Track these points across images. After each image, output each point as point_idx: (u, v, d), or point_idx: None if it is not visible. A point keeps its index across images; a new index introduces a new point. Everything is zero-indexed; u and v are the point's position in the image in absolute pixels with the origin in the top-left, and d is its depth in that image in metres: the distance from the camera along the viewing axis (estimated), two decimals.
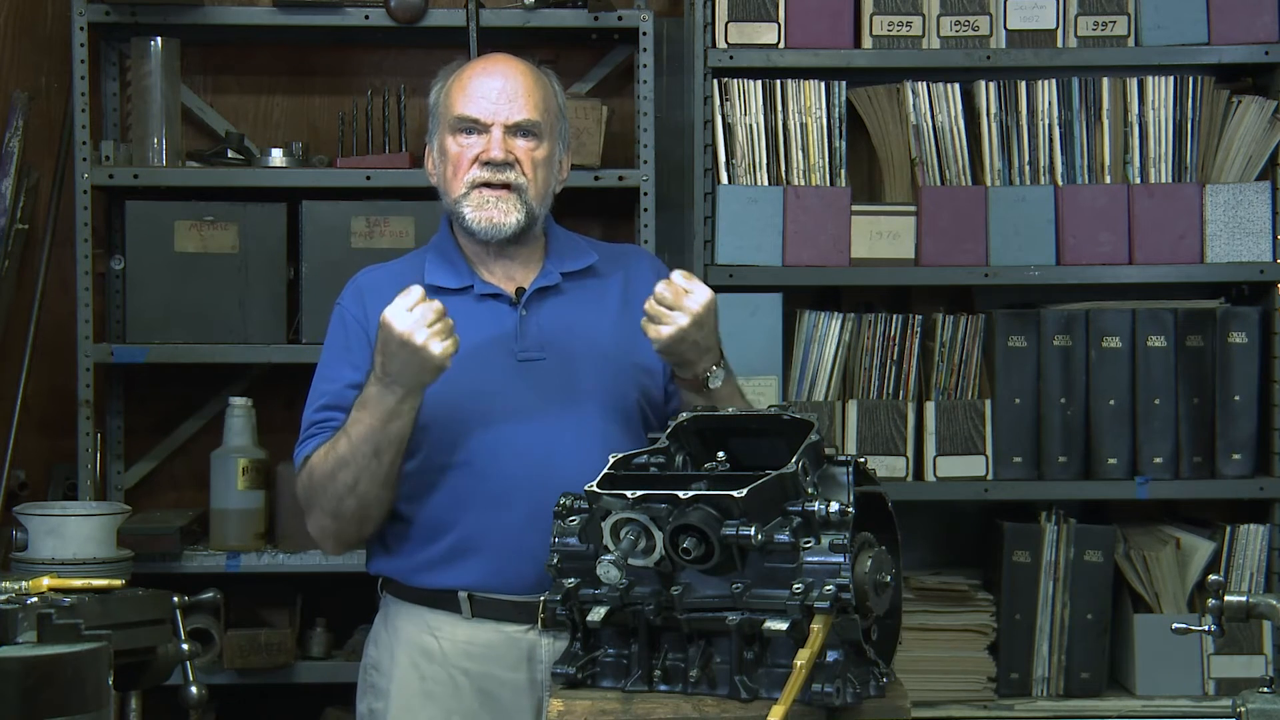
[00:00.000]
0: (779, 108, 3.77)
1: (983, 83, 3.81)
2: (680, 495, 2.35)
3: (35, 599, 2.24)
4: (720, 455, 2.53)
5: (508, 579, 2.76)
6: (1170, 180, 3.81)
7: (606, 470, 2.48)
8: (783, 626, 2.30)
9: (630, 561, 2.35)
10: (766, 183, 3.77)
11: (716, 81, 3.76)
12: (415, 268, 2.90)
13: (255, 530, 3.90)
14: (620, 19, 3.90)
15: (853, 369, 3.80)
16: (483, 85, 2.83)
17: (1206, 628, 2.50)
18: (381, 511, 2.79)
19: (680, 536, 2.33)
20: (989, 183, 3.81)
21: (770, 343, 3.72)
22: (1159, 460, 3.79)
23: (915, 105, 3.80)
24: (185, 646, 2.60)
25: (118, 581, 2.54)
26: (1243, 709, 2.35)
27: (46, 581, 2.41)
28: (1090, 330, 3.81)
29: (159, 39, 3.89)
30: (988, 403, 3.79)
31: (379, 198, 3.90)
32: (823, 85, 3.78)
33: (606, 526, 2.36)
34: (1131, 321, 3.80)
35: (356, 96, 4.10)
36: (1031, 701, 3.77)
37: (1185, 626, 2.61)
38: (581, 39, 4.08)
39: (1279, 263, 3.81)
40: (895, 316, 3.80)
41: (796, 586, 2.31)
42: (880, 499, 2.53)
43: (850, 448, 3.74)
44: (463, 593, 2.78)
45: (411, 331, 2.60)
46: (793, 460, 2.38)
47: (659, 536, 2.34)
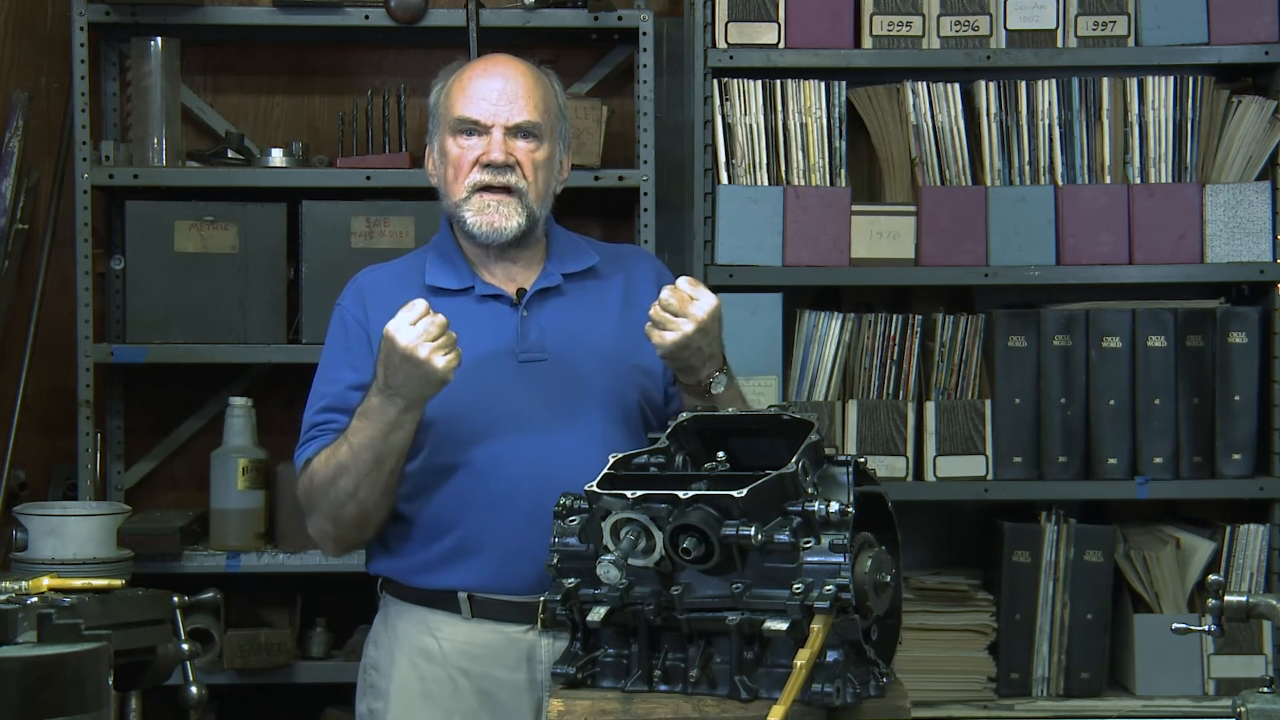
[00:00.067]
0: (779, 108, 3.77)
1: (983, 83, 3.81)
2: (680, 495, 2.35)
3: (35, 599, 2.24)
4: (720, 455, 2.53)
5: (508, 580, 2.76)
6: (1170, 180, 3.81)
7: (606, 470, 2.48)
8: (783, 626, 2.29)
9: (630, 561, 2.35)
10: (766, 183, 3.77)
11: (716, 81, 3.76)
12: (415, 268, 2.90)
13: (255, 530, 3.90)
14: (620, 19, 3.90)
15: (853, 369, 3.80)
16: (483, 86, 2.83)
17: (1206, 628, 2.50)
18: (382, 516, 2.79)
19: (680, 536, 2.33)
20: (989, 183, 3.80)
21: (770, 343, 3.72)
22: (1159, 460, 3.79)
23: (915, 105, 3.80)
24: (185, 646, 2.59)
25: (118, 581, 2.54)
26: (1243, 709, 2.34)
27: (46, 581, 2.41)
28: (1090, 330, 3.80)
29: (159, 39, 3.89)
30: (988, 403, 3.79)
31: (379, 198, 3.90)
32: (823, 85, 3.78)
33: (606, 526, 2.36)
34: (1131, 321, 3.80)
35: (356, 96, 4.10)
36: (1031, 701, 3.77)
37: (1185, 626, 2.61)
38: (581, 39, 4.08)
39: (1279, 263, 3.81)
40: (895, 316, 3.80)
41: (796, 586, 2.31)
42: (880, 499, 2.53)
43: (850, 448, 3.74)
44: (463, 593, 2.78)
45: (415, 346, 2.60)
46: (793, 460, 2.38)
47: (659, 536, 2.34)
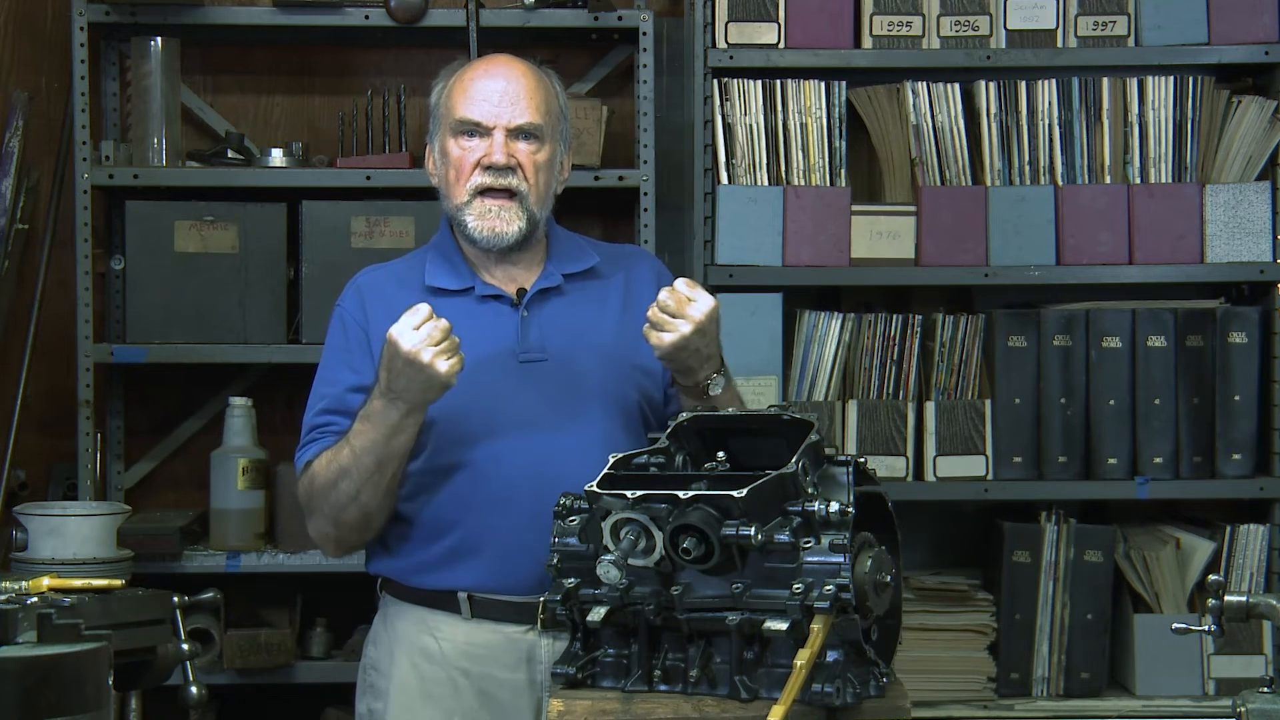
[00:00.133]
0: (779, 108, 3.77)
1: (983, 83, 3.81)
2: (680, 495, 2.34)
3: (35, 599, 2.24)
4: (720, 455, 2.52)
5: (508, 580, 2.75)
6: (1170, 180, 3.81)
7: (606, 470, 2.47)
8: (783, 626, 2.29)
9: (630, 561, 2.35)
10: (766, 183, 3.77)
11: (716, 81, 3.76)
12: (415, 268, 2.90)
13: (255, 530, 3.90)
14: (620, 19, 3.90)
15: (853, 369, 3.80)
16: (484, 88, 2.82)
17: (1206, 628, 2.50)
18: (384, 518, 2.79)
19: (680, 536, 2.33)
20: (989, 183, 3.80)
21: (770, 343, 3.72)
22: (1159, 460, 3.79)
23: (915, 105, 3.80)
24: (185, 646, 2.59)
25: (118, 581, 2.54)
26: (1243, 709, 2.34)
27: (46, 581, 2.41)
28: (1090, 330, 3.80)
29: (159, 39, 3.89)
30: (988, 403, 3.79)
31: (379, 198, 3.90)
32: (823, 85, 3.78)
33: (606, 526, 2.36)
34: (1131, 321, 3.80)
35: (356, 96, 4.10)
36: (1031, 701, 3.77)
37: (1185, 626, 2.60)
38: (581, 39, 4.08)
39: (1279, 263, 3.81)
40: (895, 316, 3.80)
41: (796, 586, 2.31)
42: (880, 499, 2.53)
43: (850, 448, 3.74)
44: (462, 593, 2.78)
45: (418, 350, 2.60)
46: (793, 460, 2.38)
47: (659, 536, 2.34)
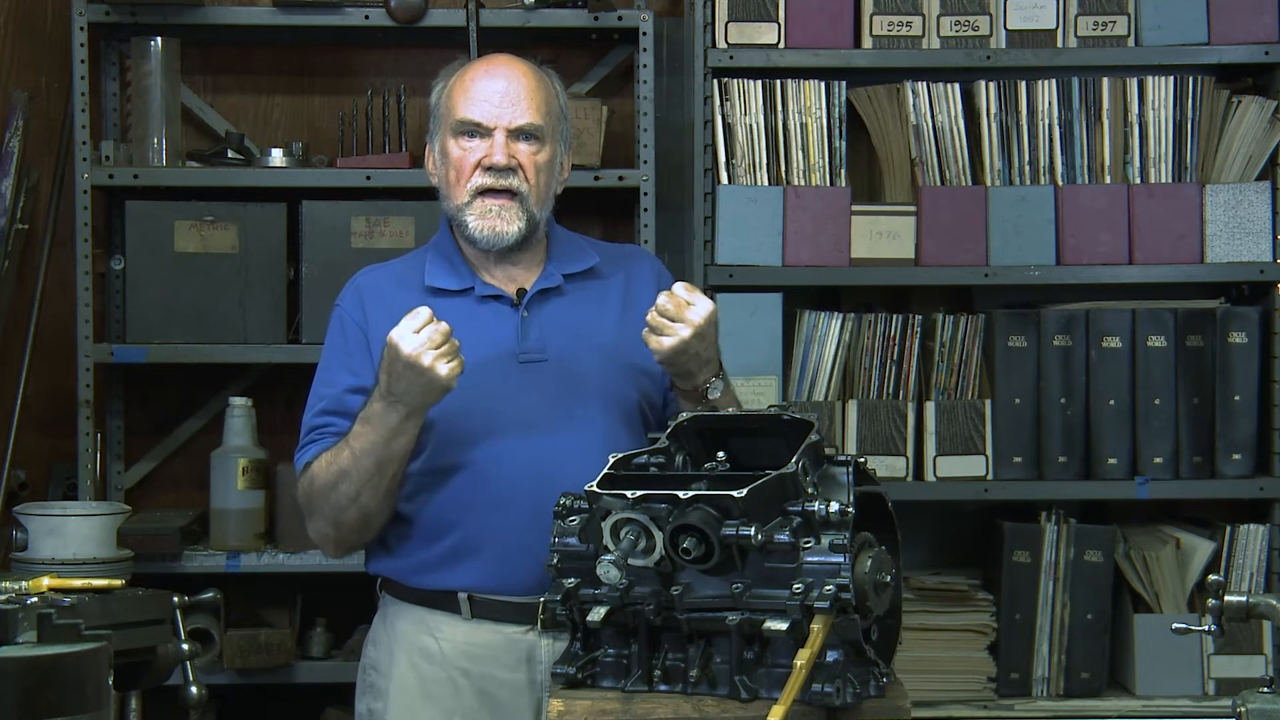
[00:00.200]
0: (779, 108, 3.77)
1: (983, 83, 3.81)
2: (680, 495, 2.34)
3: (35, 599, 2.24)
4: (720, 455, 2.52)
5: (508, 580, 2.75)
6: (1170, 180, 3.81)
7: (606, 470, 2.47)
8: (783, 626, 2.29)
9: (630, 561, 2.35)
10: (766, 183, 3.77)
11: (716, 81, 3.76)
12: (415, 268, 2.90)
13: (255, 530, 3.90)
14: (620, 19, 3.90)
15: (853, 369, 3.80)
16: (485, 88, 2.81)
17: (1206, 628, 2.50)
18: (383, 520, 2.79)
19: (680, 536, 2.33)
20: (989, 183, 3.80)
21: (770, 343, 3.72)
22: (1159, 460, 3.79)
23: (915, 105, 3.80)
24: (185, 646, 2.59)
25: (118, 581, 2.54)
26: (1243, 709, 2.34)
27: (46, 581, 2.41)
28: (1090, 330, 3.80)
29: (159, 39, 3.89)
30: (988, 403, 3.79)
31: (379, 198, 3.90)
32: (823, 85, 3.78)
33: (606, 526, 2.36)
34: (1131, 321, 3.80)
35: (356, 96, 4.10)
36: (1031, 701, 3.77)
37: (1185, 626, 2.61)
38: (581, 39, 4.08)
39: (1279, 263, 3.81)
40: (895, 316, 3.80)
41: (796, 586, 2.31)
42: (880, 499, 2.53)
43: (850, 448, 3.74)
44: (462, 594, 2.78)
45: (419, 353, 2.59)
46: (793, 460, 2.38)
47: (659, 536, 2.34)
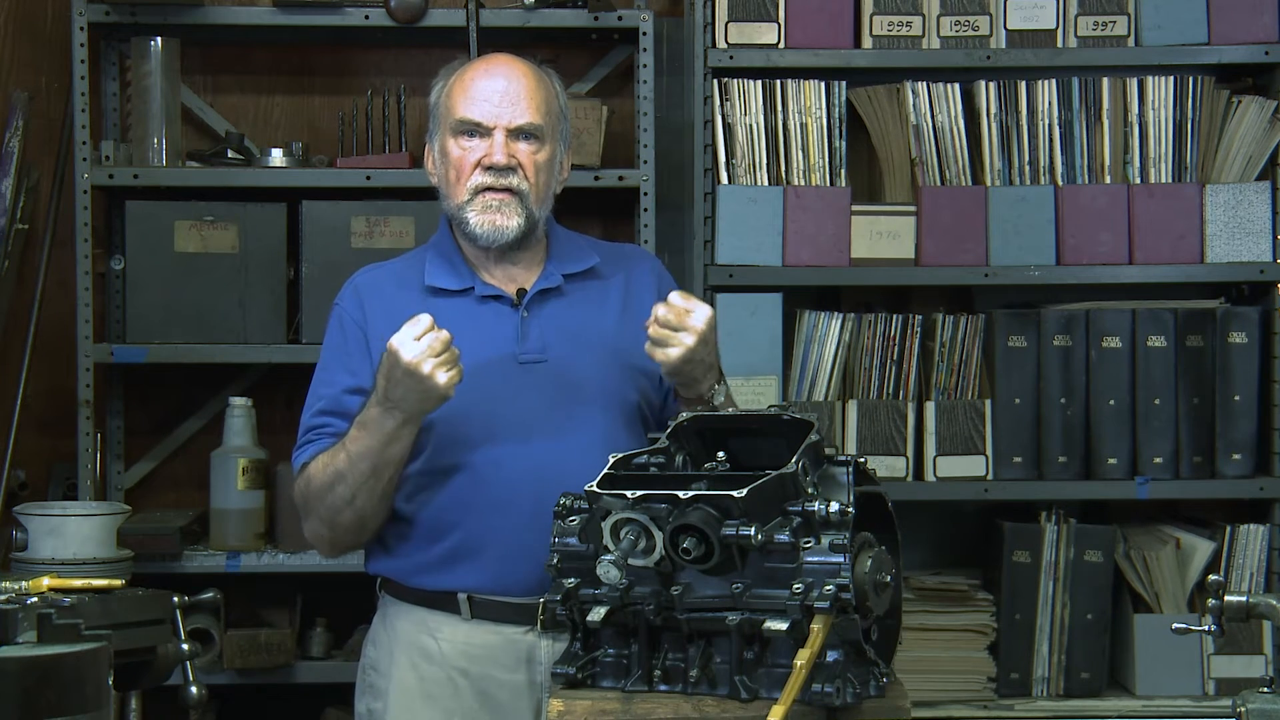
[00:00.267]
0: (779, 108, 3.77)
1: (983, 83, 3.81)
2: (680, 495, 2.34)
3: (35, 599, 2.24)
4: (720, 455, 2.52)
5: (508, 581, 2.75)
6: (1170, 180, 3.81)
7: (606, 470, 2.47)
8: (783, 626, 2.29)
9: (630, 561, 2.35)
10: (766, 183, 3.77)
11: (716, 81, 3.76)
12: (414, 268, 2.89)
13: (255, 530, 3.90)
14: (620, 19, 3.90)
15: (853, 369, 3.80)
16: (485, 87, 2.81)
17: (1206, 628, 2.50)
18: (378, 523, 2.80)
19: (680, 536, 2.33)
20: (989, 183, 3.80)
21: (770, 343, 3.72)
22: (1159, 460, 3.79)
23: (915, 105, 3.80)
24: (185, 646, 2.59)
25: (118, 581, 2.54)
26: (1243, 709, 2.34)
27: (46, 581, 2.41)
28: (1090, 330, 3.80)
29: (159, 39, 3.89)
30: (988, 403, 3.79)
31: (379, 198, 3.90)
32: (823, 85, 3.78)
33: (606, 526, 2.36)
34: (1131, 321, 3.80)
35: (356, 96, 4.10)
36: (1031, 701, 3.77)
37: (1185, 626, 2.61)
38: (581, 39, 4.08)
39: (1279, 263, 3.81)
40: (895, 316, 3.80)
41: (796, 586, 2.31)
42: (880, 499, 2.53)
43: (850, 448, 3.74)
44: (462, 594, 2.78)
45: (418, 361, 2.59)
46: (793, 460, 2.38)
47: (659, 536, 2.34)
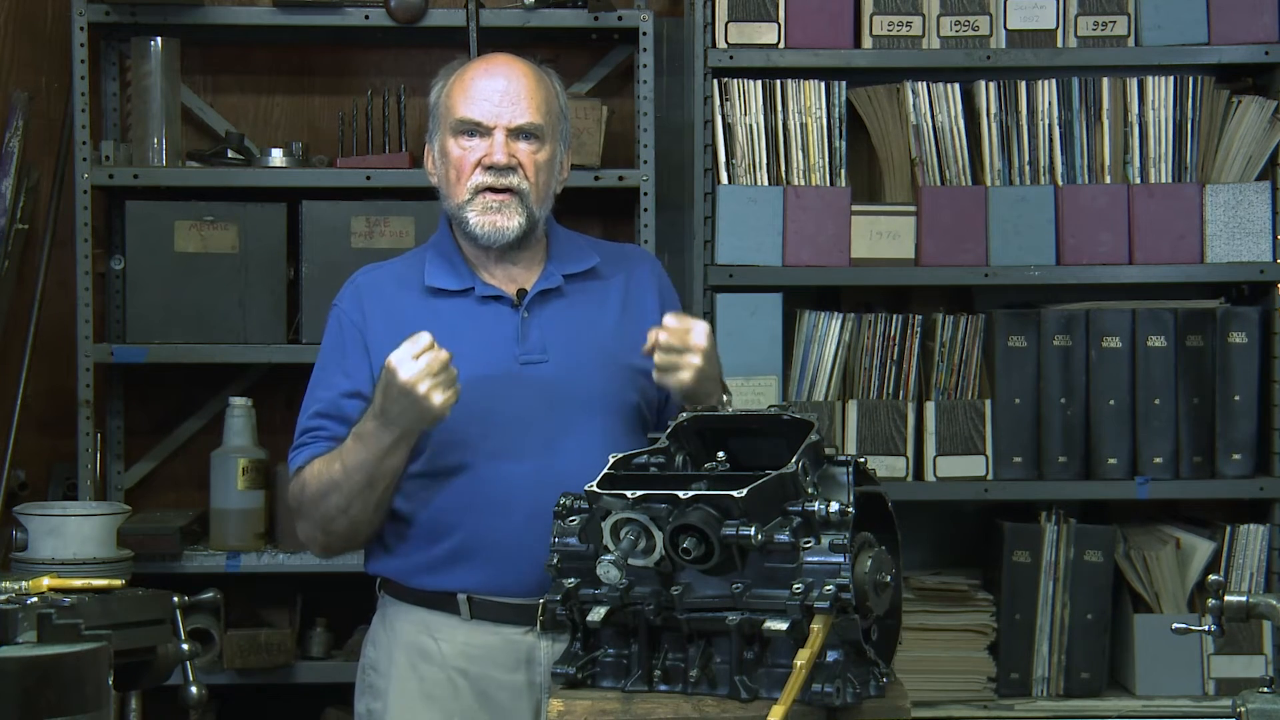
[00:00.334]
0: (779, 108, 3.77)
1: (983, 83, 3.81)
2: (680, 495, 2.34)
3: (35, 599, 2.24)
4: (720, 455, 2.52)
5: (508, 582, 2.75)
6: (1170, 180, 3.80)
7: (606, 470, 2.47)
8: (783, 626, 2.29)
9: (630, 561, 2.35)
10: (766, 183, 3.77)
11: (716, 81, 3.76)
12: (414, 268, 2.89)
13: (255, 530, 3.90)
14: (620, 19, 3.90)
15: (853, 369, 3.80)
16: (485, 87, 2.81)
17: (1206, 628, 2.50)
18: (372, 530, 2.81)
19: (680, 536, 2.33)
20: (989, 183, 3.80)
21: (770, 343, 3.72)
22: (1159, 460, 3.79)
23: (915, 105, 3.80)
24: (185, 646, 2.59)
25: (118, 581, 2.54)
26: (1243, 709, 2.34)
27: (46, 581, 2.41)
28: (1090, 330, 3.80)
29: (159, 39, 3.89)
30: (988, 403, 3.79)
31: (379, 198, 3.90)
32: (823, 85, 3.78)
33: (606, 526, 2.36)
34: (1131, 321, 3.80)
35: (356, 96, 4.10)
36: (1031, 701, 3.77)
37: (1185, 626, 2.61)
38: (581, 39, 4.08)
39: (1279, 263, 3.81)
40: (895, 316, 3.80)
41: (796, 586, 2.31)
42: (880, 499, 2.53)
43: (850, 448, 3.74)
44: (462, 595, 2.78)
45: (415, 381, 2.60)
46: (793, 460, 2.38)
47: (659, 536, 2.34)
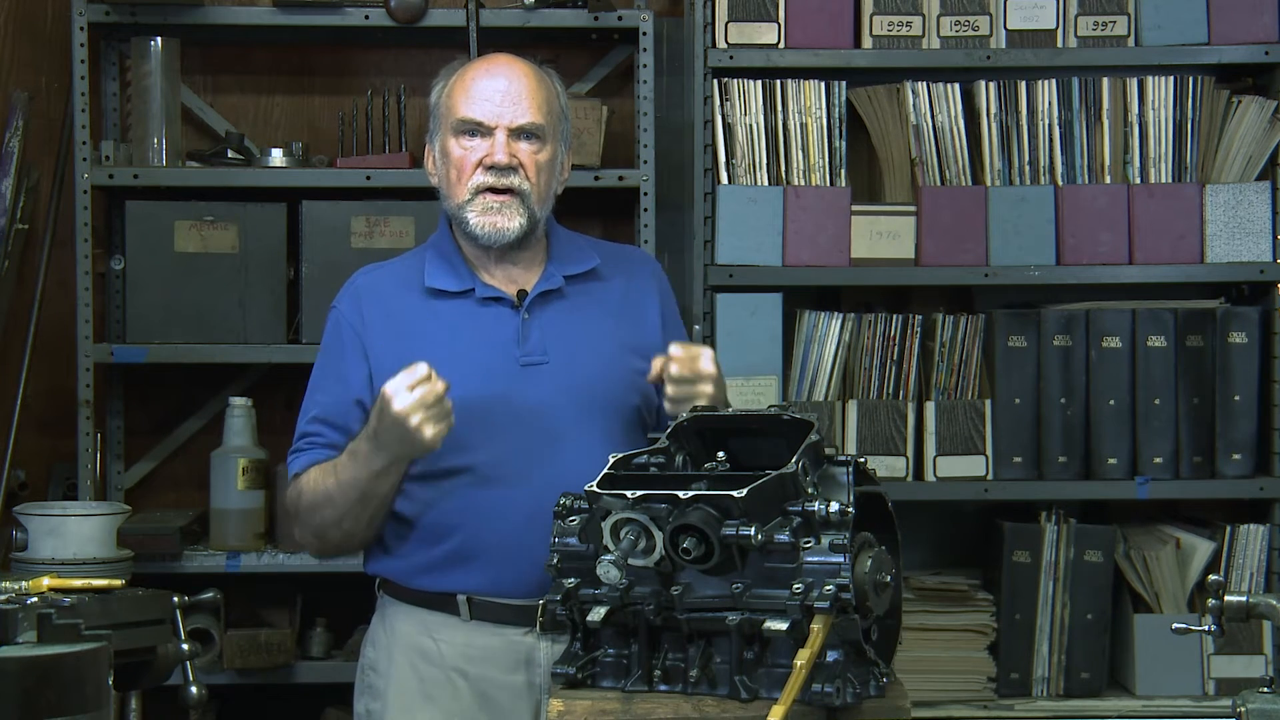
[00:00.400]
0: (779, 108, 3.77)
1: (983, 83, 3.81)
2: (680, 495, 2.34)
3: (35, 599, 2.24)
4: (720, 455, 2.52)
5: (508, 583, 2.75)
6: (1170, 180, 3.80)
7: (606, 470, 2.47)
8: (783, 626, 2.29)
9: (630, 561, 2.35)
10: (766, 183, 3.77)
11: (716, 81, 3.76)
12: (414, 268, 2.89)
13: (255, 530, 3.91)
14: (620, 19, 3.90)
15: (853, 369, 3.80)
16: (486, 87, 2.81)
17: (1206, 628, 2.50)
18: (366, 540, 2.83)
19: (680, 536, 2.33)
20: (989, 183, 3.80)
21: (770, 343, 3.72)
22: (1159, 460, 3.79)
23: (915, 105, 3.80)
24: (185, 646, 2.59)
25: (118, 581, 2.54)
26: (1243, 709, 2.34)
27: (46, 581, 2.41)
28: (1090, 330, 3.80)
29: (159, 39, 3.89)
30: (988, 403, 3.79)
31: (379, 198, 3.90)
32: (823, 85, 3.78)
33: (606, 526, 2.36)
34: (1131, 321, 3.80)
35: (356, 96, 4.10)
36: (1031, 701, 3.77)
37: (1185, 626, 2.60)
38: (581, 39, 4.08)
39: (1279, 263, 3.81)
40: (895, 316, 3.80)
41: (796, 586, 2.31)
42: (880, 499, 2.53)
43: (850, 448, 3.74)
44: (462, 596, 2.78)
45: (408, 413, 2.60)
46: (793, 460, 2.38)
47: (659, 536, 2.34)
